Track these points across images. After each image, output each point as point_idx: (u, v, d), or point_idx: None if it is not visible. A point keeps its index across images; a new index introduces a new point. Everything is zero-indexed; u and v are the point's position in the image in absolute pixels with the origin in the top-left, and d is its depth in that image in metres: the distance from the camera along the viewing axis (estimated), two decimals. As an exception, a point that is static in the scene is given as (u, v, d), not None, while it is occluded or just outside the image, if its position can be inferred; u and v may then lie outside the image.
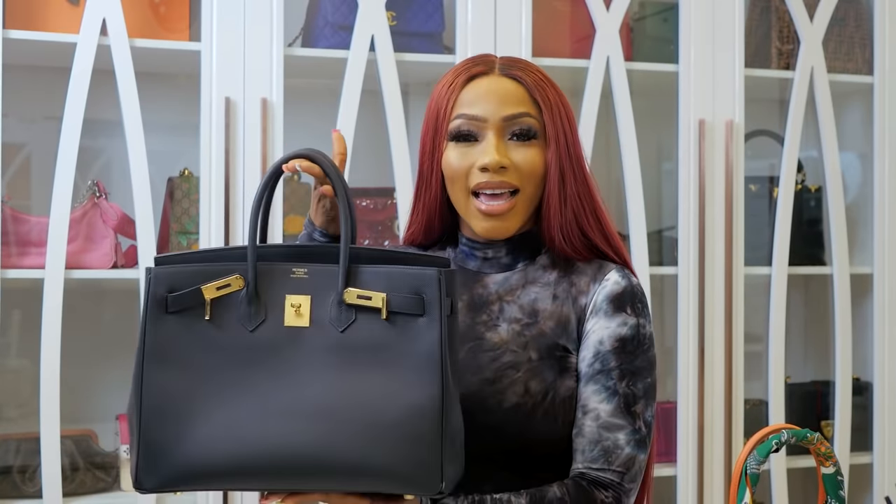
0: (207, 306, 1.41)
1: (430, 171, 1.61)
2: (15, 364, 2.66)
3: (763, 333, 3.05)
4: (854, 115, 3.25)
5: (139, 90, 2.56)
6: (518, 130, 1.57)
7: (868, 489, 3.15)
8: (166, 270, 1.42)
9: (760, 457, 1.40)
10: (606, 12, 2.86)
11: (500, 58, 1.63)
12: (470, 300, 1.61)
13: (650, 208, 2.93)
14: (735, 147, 2.92)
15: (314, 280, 1.42)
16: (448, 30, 2.82)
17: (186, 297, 1.41)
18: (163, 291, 1.41)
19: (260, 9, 2.62)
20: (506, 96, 1.58)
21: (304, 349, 1.40)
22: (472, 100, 1.58)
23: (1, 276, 2.49)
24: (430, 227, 1.65)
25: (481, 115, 1.57)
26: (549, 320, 1.58)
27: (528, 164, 1.57)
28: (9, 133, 2.62)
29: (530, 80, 1.59)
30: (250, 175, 2.60)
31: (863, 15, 3.15)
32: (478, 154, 1.57)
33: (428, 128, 1.61)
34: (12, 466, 2.59)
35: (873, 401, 3.12)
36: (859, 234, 3.20)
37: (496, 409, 1.53)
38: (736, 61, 2.94)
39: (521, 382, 1.54)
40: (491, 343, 1.58)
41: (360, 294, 1.41)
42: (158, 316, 1.41)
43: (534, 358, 1.56)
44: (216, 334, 1.41)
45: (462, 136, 1.57)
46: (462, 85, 1.59)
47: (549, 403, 1.54)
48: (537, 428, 1.53)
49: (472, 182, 1.57)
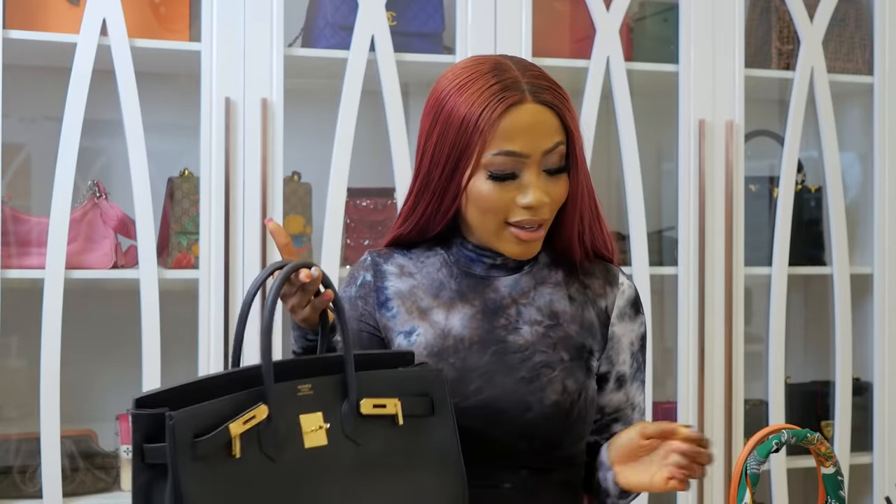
0: (236, 443, 1.28)
1: (445, 186, 1.57)
2: (15, 364, 2.65)
3: (763, 333, 3.05)
4: (854, 116, 3.25)
5: (139, 90, 2.56)
6: (552, 166, 1.56)
7: (868, 489, 3.15)
8: (187, 414, 1.26)
9: (760, 457, 1.40)
10: (606, 12, 2.86)
11: (521, 72, 1.57)
12: (483, 305, 1.62)
13: (650, 208, 2.93)
14: (735, 147, 2.92)
15: (321, 394, 1.37)
16: (448, 30, 2.82)
17: (215, 439, 1.27)
18: (188, 437, 1.25)
19: (260, 9, 2.62)
20: (544, 129, 1.55)
21: (328, 470, 1.35)
22: (510, 135, 1.53)
23: (1, 276, 2.49)
24: (427, 230, 1.65)
25: (524, 151, 1.54)
26: (573, 323, 1.62)
27: (559, 197, 1.58)
28: (9, 133, 2.61)
29: (560, 105, 1.57)
30: (250, 175, 2.60)
31: (863, 15, 3.15)
32: (518, 191, 1.55)
33: (444, 145, 1.56)
34: (12, 466, 2.59)
35: (873, 401, 3.12)
36: (859, 234, 3.20)
37: (537, 406, 1.55)
38: (736, 61, 2.94)
39: (559, 381, 1.57)
40: (516, 345, 1.59)
41: (376, 403, 1.39)
42: (186, 466, 1.24)
43: (566, 358, 1.59)
44: (244, 472, 1.29)
45: (504, 175, 1.55)
46: (499, 116, 1.53)
47: (583, 403, 1.59)
48: (572, 427, 1.58)
49: (512, 217, 1.56)
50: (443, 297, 1.63)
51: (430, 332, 1.60)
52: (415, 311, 1.62)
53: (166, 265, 2.67)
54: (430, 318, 1.61)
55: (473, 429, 1.53)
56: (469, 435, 1.51)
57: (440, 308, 1.62)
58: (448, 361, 1.57)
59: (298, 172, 2.80)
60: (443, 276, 1.64)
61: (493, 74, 1.56)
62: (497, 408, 1.52)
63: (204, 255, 2.60)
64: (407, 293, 1.63)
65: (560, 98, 1.58)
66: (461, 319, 1.60)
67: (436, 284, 1.63)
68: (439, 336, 1.59)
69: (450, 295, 1.62)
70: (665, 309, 3.09)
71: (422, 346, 1.59)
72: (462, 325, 1.60)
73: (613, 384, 1.66)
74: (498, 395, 1.54)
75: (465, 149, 1.55)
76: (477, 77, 1.57)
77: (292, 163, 2.72)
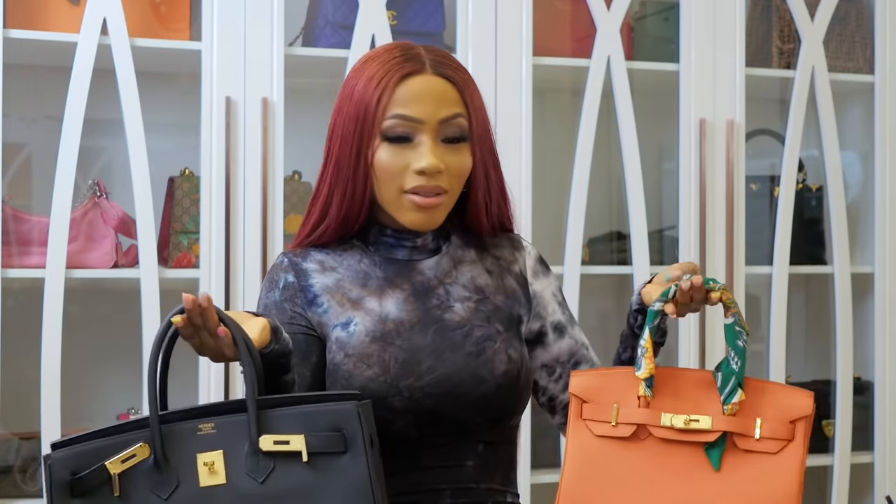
0: (115, 482, 1.33)
1: (355, 165, 1.59)
2: (15, 363, 2.65)
3: (764, 333, 3.05)
4: (855, 115, 3.25)
5: (140, 90, 2.56)
6: (451, 134, 1.59)
7: (869, 488, 3.15)
8: (64, 454, 1.34)
9: (662, 297, 1.49)
10: (607, 11, 2.86)
11: (426, 51, 1.62)
12: (412, 288, 1.64)
13: (651, 208, 2.93)
14: (736, 146, 2.92)
15: (223, 433, 1.36)
16: (449, 29, 2.82)
17: (91, 477, 1.33)
18: (65, 476, 1.34)
19: (260, 8, 2.62)
20: (441, 98, 1.58)
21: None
22: (406, 100, 1.57)
23: (1, 275, 2.49)
24: (349, 221, 1.63)
25: (418, 116, 1.57)
26: (498, 294, 1.67)
27: (458, 167, 1.60)
28: (9, 133, 2.61)
29: (460, 80, 1.61)
30: (251, 174, 2.60)
31: (864, 14, 3.15)
32: (413, 156, 1.58)
33: (349, 121, 1.59)
34: (13, 466, 2.59)
35: (874, 400, 3.12)
36: (860, 233, 3.20)
37: (489, 377, 1.58)
38: (737, 60, 2.93)
39: (503, 351, 1.61)
40: (454, 322, 1.62)
41: (277, 440, 1.35)
42: (65, 503, 1.33)
43: (501, 330, 1.63)
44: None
45: (397, 137, 1.57)
46: (396, 83, 1.57)
47: (526, 370, 1.63)
48: (521, 394, 1.63)
49: (407, 184, 1.58)
50: (371, 285, 1.63)
51: (368, 320, 1.60)
52: (346, 303, 1.61)
53: (167, 265, 2.67)
54: (364, 306, 1.61)
55: (431, 408, 1.56)
56: (427, 416, 1.55)
57: (371, 296, 1.62)
58: (395, 344, 1.58)
59: (299, 172, 2.80)
60: (366, 266, 1.65)
61: (398, 50, 1.62)
62: (452, 383, 1.56)
63: (204, 254, 2.60)
64: (334, 287, 1.63)
65: (463, 77, 1.62)
66: (395, 304, 1.61)
67: (361, 275, 1.64)
68: (378, 322, 1.60)
69: (378, 283, 1.63)
70: (666, 308, 3.08)
71: (363, 335, 1.58)
72: (398, 309, 1.61)
73: (554, 334, 1.69)
74: (451, 372, 1.57)
75: (366, 118, 1.57)
76: (382, 53, 1.62)
77: (293, 162, 2.72)
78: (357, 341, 1.57)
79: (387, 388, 1.54)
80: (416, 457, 1.57)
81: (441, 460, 1.58)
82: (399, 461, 1.55)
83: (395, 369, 1.56)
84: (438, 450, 1.57)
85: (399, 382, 1.55)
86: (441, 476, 1.57)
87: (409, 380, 1.55)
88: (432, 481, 1.57)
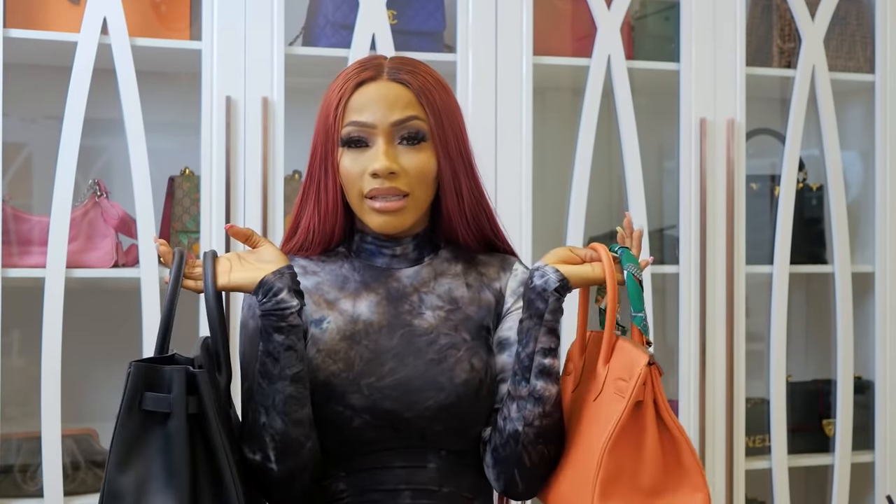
0: None
1: (325, 175, 1.65)
2: (16, 363, 2.66)
3: (764, 332, 3.05)
4: (855, 114, 3.25)
5: (140, 89, 2.56)
6: (406, 134, 1.63)
7: (870, 488, 3.15)
8: None
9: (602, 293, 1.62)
10: (607, 11, 2.86)
11: (390, 60, 1.68)
12: (387, 293, 1.68)
13: (651, 207, 2.93)
14: (736, 145, 2.92)
15: None
16: (449, 28, 2.82)
17: None
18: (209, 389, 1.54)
19: (261, 7, 2.62)
20: (394, 101, 1.62)
21: None
22: (360, 106, 1.62)
23: (1, 275, 2.49)
24: (329, 232, 1.69)
25: (370, 121, 1.62)
26: (471, 305, 1.69)
27: (417, 167, 1.63)
28: (9, 132, 2.61)
29: (417, 84, 1.64)
30: (251, 174, 2.60)
31: (864, 13, 3.15)
32: (368, 160, 1.62)
33: (318, 133, 1.66)
34: (13, 465, 2.59)
35: (875, 399, 3.12)
36: (861, 232, 3.20)
37: (448, 385, 1.61)
38: (737, 60, 2.93)
39: (466, 360, 1.63)
40: (422, 329, 1.65)
41: None
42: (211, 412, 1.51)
43: (468, 339, 1.65)
44: None
45: (353, 142, 1.62)
46: (351, 91, 1.63)
47: (490, 380, 1.64)
48: (483, 403, 1.63)
49: (365, 188, 1.62)
50: (348, 288, 1.68)
51: (340, 319, 1.65)
52: (323, 303, 1.67)
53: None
54: (339, 307, 1.67)
55: (391, 411, 1.59)
56: (384, 418, 1.59)
57: (346, 298, 1.67)
58: (362, 344, 1.63)
59: (299, 171, 2.80)
60: (346, 271, 1.70)
61: (362, 61, 1.68)
62: (411, 388, 1.59)
63: (205, 254, 2.60)
64: (312, 288, 1.68)
65: (421, 81, 1.64)
66: (368, 306, 1.66)
67: (340, 279, 1.69)
68: (349, 321, 1.65)
69: (355, 286, 1.68)
70: (666, 307, 3.09)
71: (334, 332, 1.64)
72: (370, 311, 1.66)
73: (496, 347, 1.68)
74: (411, 376, 1.60)
75: (328, 127, 1.64)
76: (350, 66, 1.69)
77: (293, 161, 2.72)
78: (328, 338, 1.63)
79: (348, 384, 1.60)
80: (375, 456, 1.61)
81: (401, 461, 1.62)
82: (361, 459, 1.61)
83: (359, 367, 1.61)
84: (398, 451, 1.61)
85: (360, 380, 1.60)
86: (401, 476, 1.61)
87: (370, 378, 1.60)
88: (392, 480, 1.61)
